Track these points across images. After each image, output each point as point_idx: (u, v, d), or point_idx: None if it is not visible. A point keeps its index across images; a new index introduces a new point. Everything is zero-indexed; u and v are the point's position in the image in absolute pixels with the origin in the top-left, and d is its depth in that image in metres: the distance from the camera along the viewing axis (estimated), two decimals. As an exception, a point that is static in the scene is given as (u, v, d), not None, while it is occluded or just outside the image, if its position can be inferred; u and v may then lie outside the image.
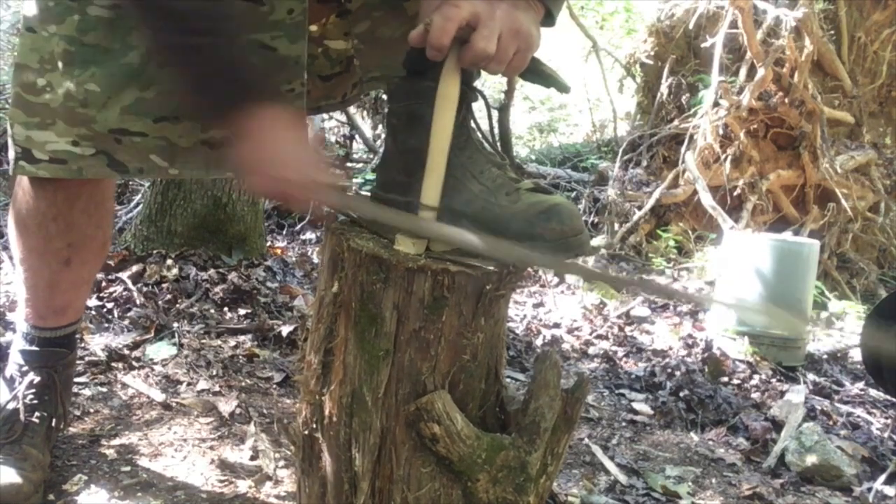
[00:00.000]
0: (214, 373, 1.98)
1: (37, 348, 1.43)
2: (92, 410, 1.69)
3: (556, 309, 3.28)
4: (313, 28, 1.35)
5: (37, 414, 1.41)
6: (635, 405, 2.33)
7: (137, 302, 2.32)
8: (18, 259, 1.38)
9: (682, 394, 2.39)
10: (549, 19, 1.06)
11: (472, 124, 1.08)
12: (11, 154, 1.25)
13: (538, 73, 1.07)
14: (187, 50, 1.03)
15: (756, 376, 2.72)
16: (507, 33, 0.97)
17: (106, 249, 1.46)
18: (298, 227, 4.32)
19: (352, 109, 5.48)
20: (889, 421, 2.53)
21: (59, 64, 1.18)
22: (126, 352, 2.00)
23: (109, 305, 2.29)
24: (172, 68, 1.12)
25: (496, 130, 1.13)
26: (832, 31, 5.45)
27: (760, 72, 4.84)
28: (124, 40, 1.16)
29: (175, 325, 2.21)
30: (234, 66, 1.05)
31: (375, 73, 1.47)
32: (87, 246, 1.38)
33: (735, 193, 5.10)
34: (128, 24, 1.15)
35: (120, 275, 2.48)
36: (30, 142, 1.22)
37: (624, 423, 2.19)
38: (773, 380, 2.75)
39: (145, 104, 1.19)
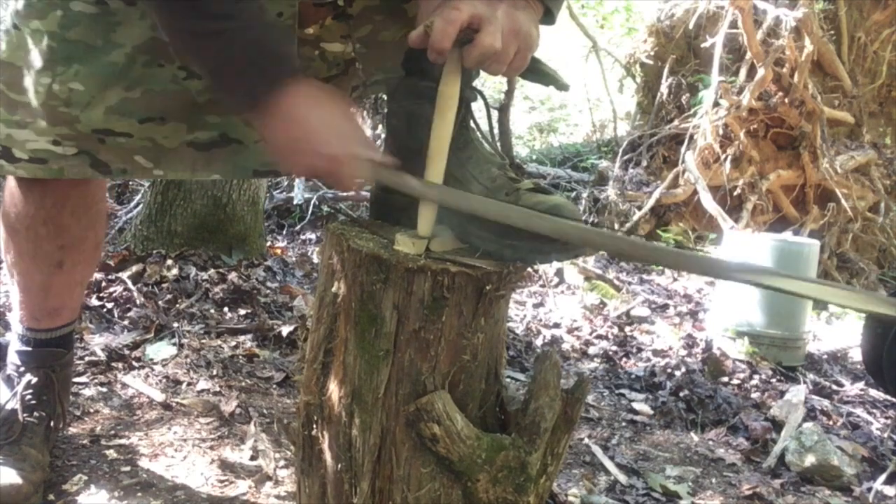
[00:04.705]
0: (214, 373, 1.98)
1: (33, 349, 1.43)
2: (92, 410, 1.69)
3: (556, 309, 3.28)
4: (310, 31, 1.35)
5: (35, 414, 1.41)
6: (635, 405, 2.33)
7: (137, 302, 2.32)
8: (10, 263, 1.37)
9: (682, 394, 2.39)
10: (548, 17, 1.05)
11: (472, 124, 1.08)
12: None
13: (537, 72, 1.07)
14: (208, 37, 0.99)
15: (756, 376, 2.72)
16: (508, 33, 0.96)
17: (99, 250, 1.45)
18: (298, 227, 4.32)
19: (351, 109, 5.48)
20: (889, 421, 2.53)
21: (42, 61, 1.15)
22: (126, 352, 2.00)
23: (109, 305, 2.29)
24: (193, 59, 1.07)
25: (496, 130, 1.13)
26: (832, 31, 5.45)
27: (760, 72, 4.84)
28: (108, 37, 1.14)
29: (175, 325, 2.21)
30: (260, 47, 1.00)
31: (378, 76, 1.47)
32: (79, 248, 1.36)
33: (735, 193, 5.10)
34: (112, 20, 1.13)
35: (120, 275, 2.48)
36: (10, 140, 1.20)
37: (624, 423, 2.19)
38: (773, 380, 2.75)
39: (131, 104, 1.17)
